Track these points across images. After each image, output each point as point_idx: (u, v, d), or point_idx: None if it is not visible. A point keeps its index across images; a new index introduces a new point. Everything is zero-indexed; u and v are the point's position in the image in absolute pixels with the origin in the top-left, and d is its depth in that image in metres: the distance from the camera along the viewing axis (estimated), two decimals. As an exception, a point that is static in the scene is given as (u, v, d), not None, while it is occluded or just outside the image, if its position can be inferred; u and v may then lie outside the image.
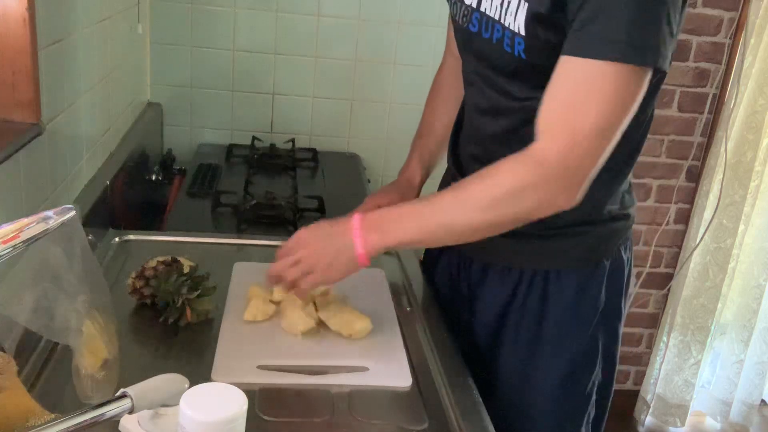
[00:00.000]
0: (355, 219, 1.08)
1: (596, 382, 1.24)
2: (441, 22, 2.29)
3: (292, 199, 1.85)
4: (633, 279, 1.30)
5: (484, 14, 1.09)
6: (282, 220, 1.74)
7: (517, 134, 1.12)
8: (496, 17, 1.06)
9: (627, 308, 1.27)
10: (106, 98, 1.69)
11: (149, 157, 2.08)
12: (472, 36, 1.13)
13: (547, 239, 1.16)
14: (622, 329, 1.27)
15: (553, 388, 1.21)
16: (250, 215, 1.74)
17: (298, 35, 2.26)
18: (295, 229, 1.69)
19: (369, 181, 2.21)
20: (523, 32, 1.02)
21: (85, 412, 0.73)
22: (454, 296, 1.31)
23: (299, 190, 1.95)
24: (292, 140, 2.27)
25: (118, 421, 0.81)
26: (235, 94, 2.30)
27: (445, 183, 1.34)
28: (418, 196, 1.39)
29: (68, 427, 0.71)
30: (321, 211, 1.82)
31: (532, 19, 1.00)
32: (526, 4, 1.01)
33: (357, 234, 1.07)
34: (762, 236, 2.62)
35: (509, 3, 1.04)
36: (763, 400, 2.82)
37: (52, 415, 0.78)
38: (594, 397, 1.25)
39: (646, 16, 0.92)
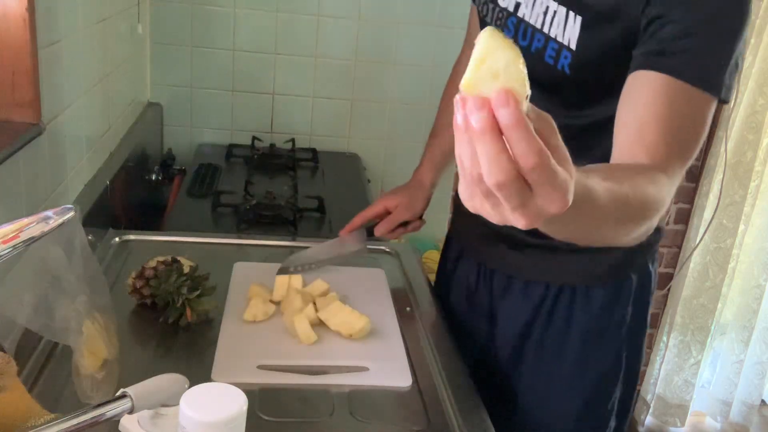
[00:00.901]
0: None
1: (618, 398, 1.21)
2: (441, 22, 2.30)
3: (292, 199, 1.85)
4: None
5: (522, 20, 1.04)
6: (282, 220, 1.74)
7: None
8: (538, 26, 1.02)
9: (649, 320, 1.23)
10: (106, 98, 1.69)
11: (149, 157, 2.08)
12: None
13: (575, 253, 1.12)
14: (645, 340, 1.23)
15: (576, 405, 1.19)
16: (250, 215, 1.74)
17: (298, 35, 2.26)
18: (296, 229, 1.70)
19: (369, 181, 2.21)
20: (573, 46, 0.98)
21: (85, 412, 0.73)
22: (472, 307, 1.28)
23: (299, 190, 1.95)
24: (292, 140, 2.27)
25: (118, 421, 0.81)
26: (235, 94, 2.30)
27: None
28: (429, 196, 1.38)
29: (68, 427, 0.71)
30: (321, 211, 1.82)
31: (586, 34, 0.96)
32: (579, 18, 0.96)
33: None
34: (762, 236, 2.62)
35: (555, 13, 0.99)
36: (763, 400, 2.82)
37: (52, 415, 0.78)
38: (616, 408, 1.22)
39: (733, 54, 0.91)
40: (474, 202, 0.57)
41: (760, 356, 2.73)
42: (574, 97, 1.02)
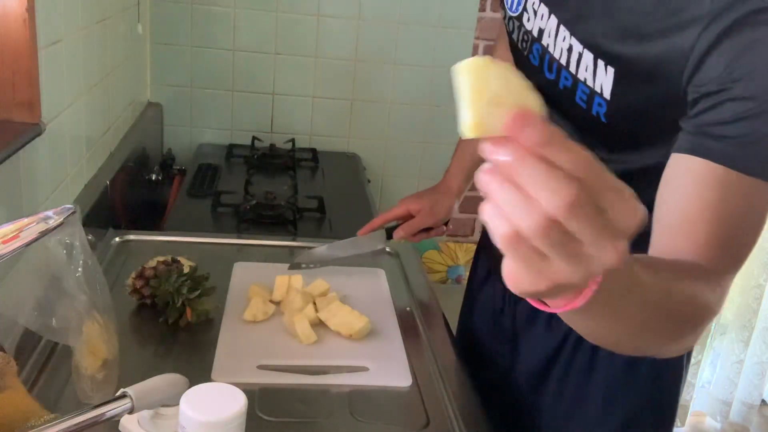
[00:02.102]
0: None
1: None
2: (441, 22, 2.30)
3: (292, 199, 1.85)
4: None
5: (546, 50, 0.93)
6: (282, 220, 1.74)
7: None
8: (563, 63, 0.91)
9: (689, 363, 1.13)
10: (106, 98, 1.69)
11: (149, 157, 2.08)
12: (532, 68, 0.96)
13: None
14: (686, 375, 1.12)
15: None
16: (250, 215, 1.74)
17: (298, 35, 2.26)
18: (296, 229, 1.71)
19: (369, 181, 2.21)
20: (607, 96, 0.86)
21: (85, 412, 0.73)
22: (495, 331, 1.21)
23: (299, 190, 1.95)
24: (292, 140, 2.27)
25: (118, 421, 0.81)
26: (235, 94, 2.30)
27: None
28: (454, 203, 1.33)
29: (68, 427, 0.72)
30: (321, 211, 1.82)
31: (623, 86, 0.85)
32: (611, 69, 0.85)
33: None
34: (762, 236, 2.62)
35: (580, 56, 0.88)
36: (763, 400, 2.82)
37: (52, 415, 0.78)
38: None
39: None
40: (544, 274, 0.45)
41: (760, 356, 2.73)
42: (610, 142, 0.91)
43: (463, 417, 1.00)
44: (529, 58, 0.97)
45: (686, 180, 0.78)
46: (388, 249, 1.47)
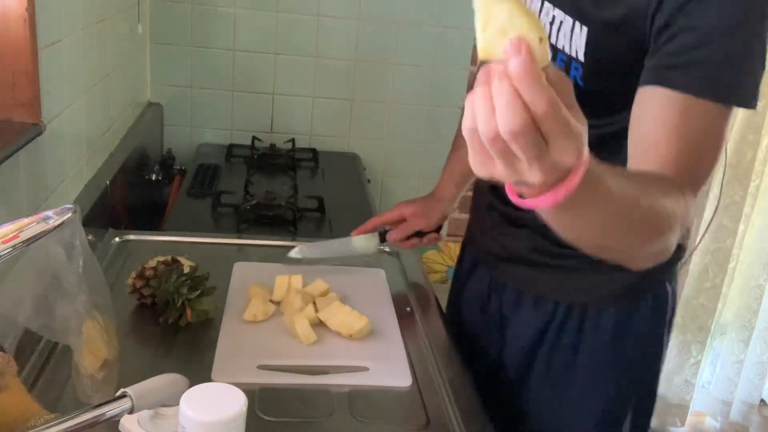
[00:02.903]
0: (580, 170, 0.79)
1: (633, 422, 1.16)
2: (441, 22, 2.30)
3: (292, 199, 1.85)
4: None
5: None
6: (282, 220, 1.74)
7: None
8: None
9: (669, 337, 1.19)
10: (106, 98, 1.69)
11: (149, 157, 2.08)
12: None
13: (587, 273, 1.09)
14: (665, 358, 1.19)
15: (586, 428, 1.15)
16: (250, 215, 1.74)
17: (298, 35, 2.26)
18: (296, 229, 1.71)
19: (369, 181, 2.21)
20: (582, 58, 0.95)
21: (85, 412, 0.73)
22: (483, 319, 1.26)
23: (299, 190, 1.95)
24: (292, 140, 2.27)
25: (118, 421, 0.81)
26: (235, 94, 2.30)
27: (476, 195, 1.30)
28: (447, 210, 1.36)
29: (68, 427, 0.71)
30: (321, 211, 1.82)
31: (594, 45, 0.94)
32: (585, 28, 0.94)
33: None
34: (762, 236, 2.62)
35: (561, 23, 0.97)
36: (763, 400, 2.82)
37: (52, 415, 0.78)
38: None
39: (753, 58, 0.87)
40: (488, 167, 0.57)
41: (760, 356, 2.73)
42: (590, 106, 0.95)
43: (463, 417, 1.00)
44: None
45: (651, 109, 0.87)
46: (387, 249, 1.47)
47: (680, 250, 1.10)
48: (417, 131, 2.39)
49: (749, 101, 0.88)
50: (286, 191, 1.93)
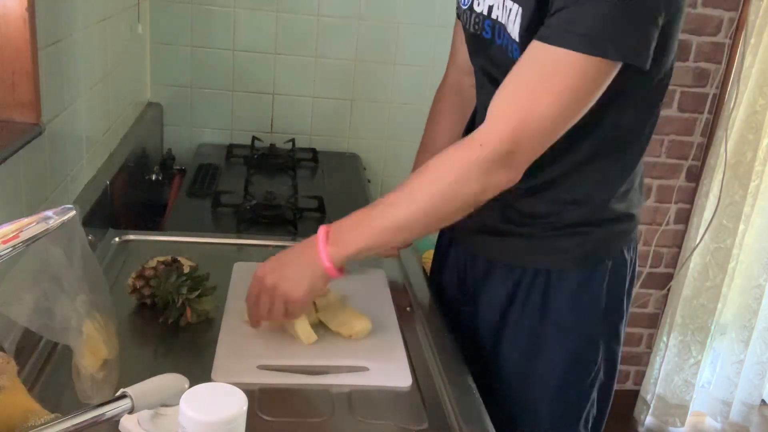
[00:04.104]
0: (321, 232, 1.09)
1: (597, 382, 1.24)
2: (441, 22, 2.30)
3: (292, 199, 1.85)
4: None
5: (496, 21, 1.09)
6: (282, 220, 1.74)
7: None
8: (504, 23, 1.07)
9: (629, 309, 1.27)
10: (106, 98, 1.69)
11: (149, 157, 2.08)
12: (486, 43, 1.13)
13: (548, 239, 1.17)
14: (625, 330, 1.26)
15: (552, 386, 1.22)
16: (250, 215, 1.74)
17: (298, 35, 2.26)
18: (296, 229, 1.70)
19: (369, 181, 2.21)
20: (517, 39, 1.03)
21: (85, 412, 0.73)
22: (461, 292, 1.32)
23: (299, 190, 1.95)
24: (292, 140, 2.27)
25: (118, 421, 0.81)
26: (235, 94, 2.30)
27: None
28: None
29: (68, 427, 0.71)
30: (321, 211, 1.82)
31: (526, 26, 1.01)
32: (520, 9, 1.02)
33: (322, 248, 1.08)
34: (762, 236, 2.62)
35: (510, 11, 1.04)
36: (763, 400, 2.82)
37: (52, 415, 0.78)
38: (594, 396, 1.25)
39: (620, 10, 0.93)
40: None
41: (760, 356, 2.73)
42: None
43: (463, 417, 1.00)
44: (482, 35, 1.13)
45: (519, 59, 1.00)
46: None
47: (632, 219, 1.20)
48: (417, 131, 2.37)
49: (623, 55, 0.95)
50: (286, 191, 1.93)
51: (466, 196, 1.03)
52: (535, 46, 0.97)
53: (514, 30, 1.04)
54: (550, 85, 0.97)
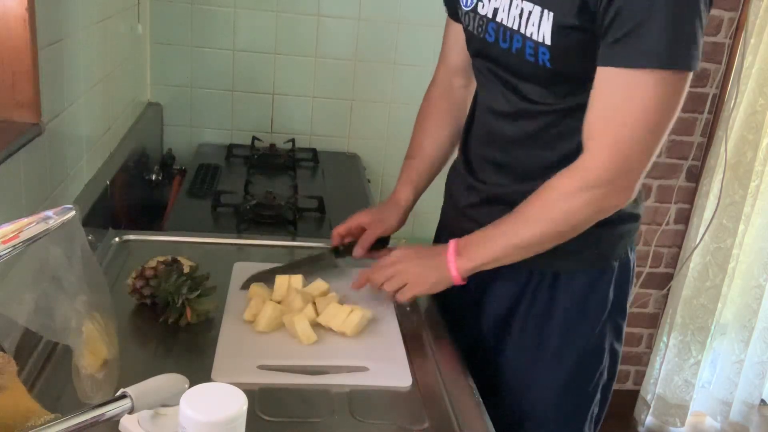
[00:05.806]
0: (451, 244, 1.16)
1: (601, 381, 1.24)
2: (441, 22, 2.29)
3: (292, 199, 1.85)
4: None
5: (501, 24, 1.10)
6: (282, 220, 1.74)
7: (540, 138, 1.13)
8: (515, 27, 1.08)
9: (629, 307, 1.28)
10: (106, 98, 1.69)
11: (149, 157, 2.08)
12: (488, 45, 1.14)
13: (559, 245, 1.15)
14: (624, 329, 1.27)
15: (558, 386, 1.22)
16: (250, 215, 1.74)
17: (298, 35, 2.26)
18: (296, 229, 1.71)
19: (369, 181, 2.21)
20: (548, 42, 1.04)
21: (85, 412, 0.73)
22: (462, 292, 1.29)
23: (299, 190, 1.95)
24: (292, 140, 2.27)
25: (118, 421, 0.81)
26: (235, 94, 2.30)
27: (451, 179, 1.35)
28: (405, 217, 1.38)
29: (68, 427, 0.71)
30: (321, 211, 1.82)
31: (559, 29, 1.02)
32: (551, 14, 1.02)
33: (451, 258, 1.15)
34: (762, 236, 2.62)
35: (530, 13, 1.05)
36: (763, 400, 2.82)
37: (52, 415, 0.78)
38: (598, 396, 1.25)
39: (680, 22, 0.95)
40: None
41: (760, 356, 2.73)
42: (558, 86, 1.09)
43: (463, 417, 1.00)
44: (485, 38, 1.14)
45: (595, 87, 1.03)
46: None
47: (637, 219, 1.22)
48: (417, 131, 2.39)
49: (681, 63, 0.97)
50: (286, 191, 1.93)
51: (579, 221, 1.08)
52: (609, 72, 1.00)
53: (538, 33, 1.04)
54: (633, 107, 1.00)
